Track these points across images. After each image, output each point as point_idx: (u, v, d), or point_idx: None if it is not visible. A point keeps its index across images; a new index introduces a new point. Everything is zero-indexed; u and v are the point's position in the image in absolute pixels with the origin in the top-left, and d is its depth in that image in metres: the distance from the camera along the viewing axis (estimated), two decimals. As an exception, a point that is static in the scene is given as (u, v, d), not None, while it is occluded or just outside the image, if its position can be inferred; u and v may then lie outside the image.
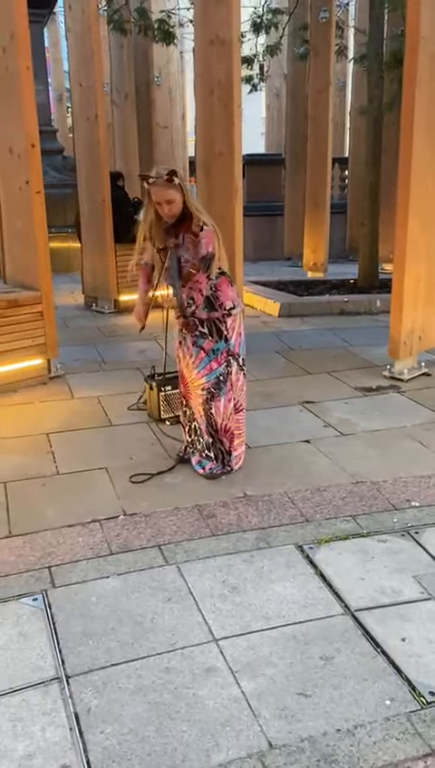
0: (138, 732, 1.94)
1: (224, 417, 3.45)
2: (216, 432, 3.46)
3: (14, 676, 2.16)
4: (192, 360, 3.41)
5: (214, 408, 3.42)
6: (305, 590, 2.58)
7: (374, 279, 8.58)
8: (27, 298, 4.91)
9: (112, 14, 9.54)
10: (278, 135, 17.62)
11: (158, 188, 3.07)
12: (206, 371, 3.39)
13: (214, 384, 3.40)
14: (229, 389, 3.44)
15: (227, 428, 3.47)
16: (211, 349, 3.36)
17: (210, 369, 3.39)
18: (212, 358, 3.37)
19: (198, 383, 3.42)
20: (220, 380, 3.41)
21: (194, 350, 3.37)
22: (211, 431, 3.46)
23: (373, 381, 5.05)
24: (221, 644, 2.29)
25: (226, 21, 5.64)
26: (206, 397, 3.41)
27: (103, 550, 2.87)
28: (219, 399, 3.42)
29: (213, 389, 3.40)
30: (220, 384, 3.41)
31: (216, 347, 3.37)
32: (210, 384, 3.40)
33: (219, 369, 3.40)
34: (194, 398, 3.48)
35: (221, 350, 3.38)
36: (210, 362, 3.38)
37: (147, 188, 3.12)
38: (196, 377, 3.42)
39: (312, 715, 1.99)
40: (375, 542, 2.91)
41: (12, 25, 4.57)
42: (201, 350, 3.37)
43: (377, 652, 2.25)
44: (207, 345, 3.36)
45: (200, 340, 3.35)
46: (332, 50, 9.66)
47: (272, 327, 7.00)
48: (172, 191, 3.08)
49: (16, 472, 3.61)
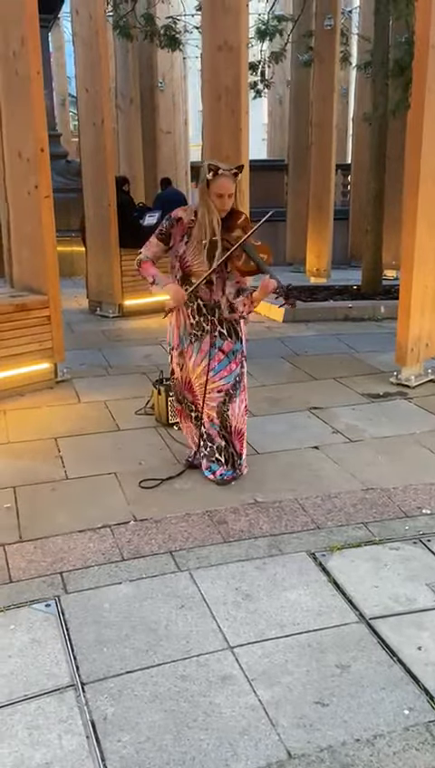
0: (155, 740, 1.92)
1: (238, 419, 3.45)
2: (229, 434, 3.45)
3: (29, 683, 2.15)
4: (207, 362, 3.36)
5: (231, 409, 3.41)
6: (319, 598, 2.57)
7: (378, 285, 8.60)
8: (35, 302, 4.91)
9: (119, 19, 9.56)
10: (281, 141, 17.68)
11: (227, 180, 3.11)
12: (226, 372, 3.38)
13: (232, 386, 3.40)
14: (242, 390, 3.45)
15: (239, 430, 3.47)
16: (231, 350, 3.37)
17: (230, 371, 3.38)
18: (232, 359, 3.38)
19: (214, 385, 3.39)
20: (237, 381, 3.42)
21: (212, 351, 3.35)
22: (225, 434, 3.45)
23: (380, 388, 5.05)
24: (236, 651, 2.28)
25: (234, 27, 5.67)
26: (223, 399, 3.40)
27: (115, 555, 2.86)
28: (235, 401, 3.42)
29: (231, 391, 3.40)
30: (237, 385, 3.42)
31: (235, 348, 3.38)
32: (229, 386, 3.39)
33: (237, 371, 3.41)
34: (208, 403, 3.44)
35: (238, 351, 3.40)
36: (229, 363, 3.38)
37: (210, 179, 3.09)
38: (213, 378, 3.38)
39: (330, 724, 1.98)
40: (387, 550, 2.90)
41: (22, 30, 4.58)
42: (220, 352, 3.36)
43: (393, 661, 2.24)
44: (227, 346, 3.36)
45: (219, 341, 3.35)
46: (336, 57, 9.70)
47: (277, 332, 7.01)
48: (234, 186, 3.16)
49: (26, 476, 3.60)
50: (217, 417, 3.43)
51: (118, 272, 7.58)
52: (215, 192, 3.12)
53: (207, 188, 3.14)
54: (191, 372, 3.45)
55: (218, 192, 3.11)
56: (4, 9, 4.72)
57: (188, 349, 3.41)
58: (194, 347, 3.39)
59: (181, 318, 3.39)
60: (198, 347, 3.38)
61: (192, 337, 3.38)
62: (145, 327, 7.20)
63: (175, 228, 3.26)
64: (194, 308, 3.32)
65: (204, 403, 3.45)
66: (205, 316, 3.32)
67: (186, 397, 3.53)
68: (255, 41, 10.14)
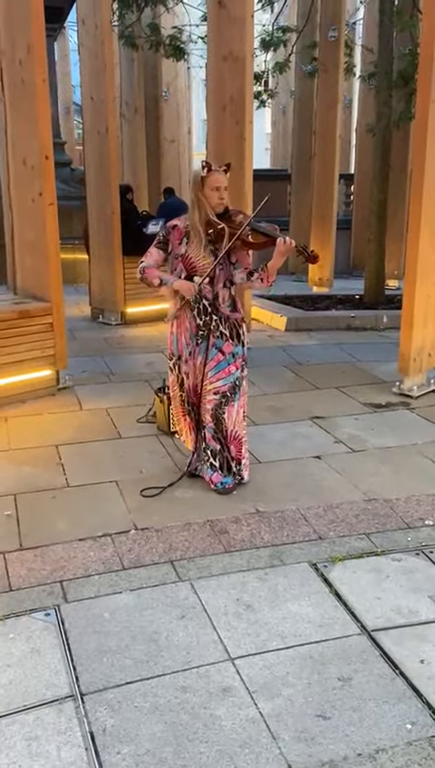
0: (155, 753, 1.90)
1: (235, 424, 3.44)
2: (224, 438, 3.44)
3: (27, 693, 2.13)
4: (207, 361, 3.35)
5: (226, 413, 3.40)
6: (321, 609, 2.55)
7: (380, 295, 8.61)
8: (38, 309, 4.91)
9: (124, 29, 9.63)
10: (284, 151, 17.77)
11: (219, 174, 3.21)
12: (223, 374, 3.37)
13: (230, 388, 3.39)
14: (241, 395, 3.44)
15: (235, 435, 3.46)
16: (231, 352, 3.36)
17: (228, 373, 3.37)
18: (231, 361, 3.37)
19: (211, 386, 3.38)
20: (236, 385, 3.40)
21: (212, 351, 3.35)
22: (220, 437, 3.44)
23: (383, 397, 5.04)
24: (237, 663, 2.26)
25: (239, 38, 5.70)
26: (219, 401, 3.39)
27: (115, 564, 2.84)
28: (232, 405, 3.41)
29: (228, 393, 3.39)
30: (235, 389, 3.41)
31: (235, 350, 3.37)
32: (226, 388, 3.38)
33: (236, 374, 3.40)
34: (204, 404, 3.43)
35: (239, 354, 3.39)
36: (229, 365, 3.37)
37: (205, 175, 3.19)
38: (211, 380, 3.38)
39: (332, 738, 1.96)
40: (390, 561, 2.88)
41: (29, 39, 4.60)
42: (220, 353, 3.35)
43: (395, 674, 2.22)
44: (227, 348, 3.36)
45: (220, 342, 3.34)
46: (340, 68, 9.74)
47: (279, 341, 7.00)
48: (226, 181, 3.24)
49: (26, 484, 3.59)
50: (212, 419, 3.41)
51: (121, 279, 7.59)
52: (211, 186, 3.20)
53: (201, 187, 3.20)
54: (192, 373, 3.43)
55: (214, 185, 3.19)
56: (12, 18, 4.75)
57: (195, 350, 3.39)
58: (201, 347, 3.37)
59: (185, 323, 3.38)
60: (205, 347, 3.36)
61: (199, 338, 3.37)
62: (147, 335, 7.20)
63: (171, 235, 3.33)
64: (200, 308, 3.32)
65: (200, 402, 3.43)
66: (210, 315, 3.32)
67: (192, 402, 3.50)
68: (259, 51, 10.21)
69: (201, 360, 3.37)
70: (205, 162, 3.26)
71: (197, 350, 3.39)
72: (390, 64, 8.29)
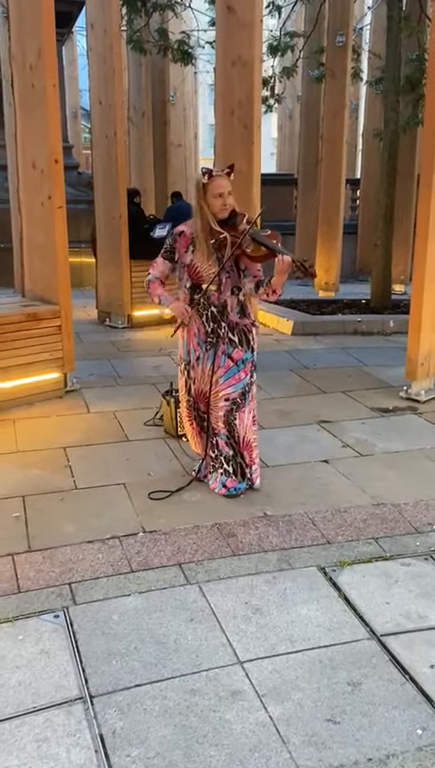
0: (165, 756, 1.90)
1: (246, 429, 3.43)
2: (237, 444, 3.43)
3: (37, 695, 2.13)
4: (218, 370, 3.35)
5: (238, 419, 3.39)
6: (330, 614, 2.54)
7: (387, 299, 8.61)
8: (46, 312, 4.92)
9: (133, 34, 9.67)
10: (290, 155, 17.79)
11: (222, 179, 3.16)
12: (233, 381, 3.36)
13: (240, 394, 3.38)
14: (251, 400, 3.43)
15: (247, 441, 3.45)
16: (240, 358, 3.35)
17: (238, 379, 3.37)
18: (241, 367, 3.36)
19: (222, 393, 3.37)
20: (246, 391, 3.40)
21: (222, 358, 3.34)
22: (232, 443, 3.43)
23: (390, 402, 5.03)
24: (246, 666, 2.26)
25: (247, 42, 5.71)
26: (230, 407, 3.38)
27: (124, 567, 2.84)
28: (243, 410, 3.40)
29: (239, 400, 3.38)
30: (245, 395, 3.40)
31: (244, 356, 3.36)
32: (236, 394, 3.37)
33: (246, 380, 3.39)
34: (214, 411, 3.43)
35: (248, 359, 3.38)
36: (238, 372, 3.36)
37: (206, 182, 3.14)
38: (221, 386, 3.37)
39: (342, 742, 1.95)
40: (398, 566, 2.87)
41: (39, 44, 4.63)
42: (229, 359, 3.35)
43: (405, 679, 2.21)
44: (237, 354, 3.35)
45: (229, 348, 3.34)
46: (347, 73, 9.77)
47: (285, 345, 7.00)
48: (230, 184, 3.20)
49: (35, 486, 3.59)
50: (225, 426, 3.41)
51: (127, 283, 7.61)
52: (213, 193, 3.16)
53: (203, 194, 3.17)
54: (205, 382, 3.43)
55: (217, 192, 3.15)
56: (23, 23, 4.78)
57: (204, 357, 3.39)
58: (209, 354, 3.37)
59: (193, 329, 3.39)
60: (214, 353, 3.36)
61: (207, 345, 3.37)
62: (154, 338, 7.21)
63: (178, 243, 3.32)
64: (208, 315, 3.32)
65: (209, 410, 3.43)
66: (218, 322, 3.32)
67: (199, 408, 3.51)
68: (266, 56, 10.23)
69: (209, 367, 3.37)
70: (205, 169, 3.22)
71: (205, 356, 3.39)
72: (397, 69, 8.31)
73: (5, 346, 4.69)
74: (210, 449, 3.52)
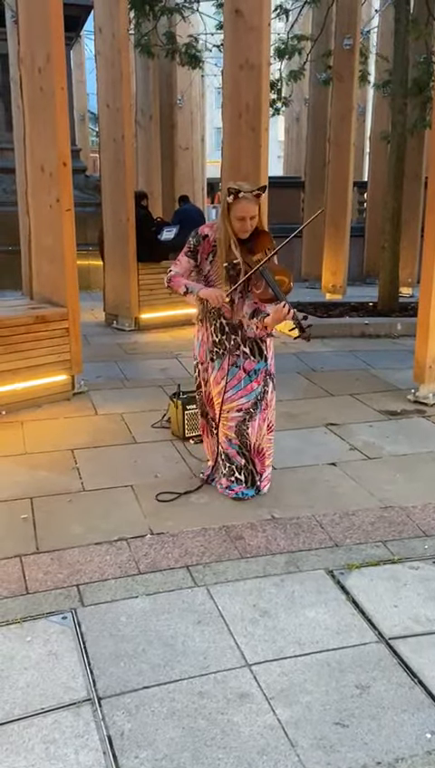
0: (173, 758, 1.90)
1: (258, 438, 3.42)
2: (249, 452, 3.42)
3: (45, 696, 2.13)
4: (228, 380, 3.34)
5: (250, 428, 3.37)
6: (338, 617, 2.53)
7: (395, 302, 8.59)
8: (54, 314, 4.94)
9: (141, 37, 9.71)
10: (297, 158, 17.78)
11: (248, 203, 3.04)
12: (245, 392, 3.34)
13: (253, 404, 3.35)
14: (265, 409, 3.40)
15: (259, 449, 3.44)
16: (253, 369, 3.32)
17: (250, 390, 3.34)
18: (253, 378, 3.33)
19: (234, 404, 3.35)
20: (258, 400, 3.37)
21: (232, 370, 3.32)
22: (245, 452, 3.41)
23: (397, 405, 5.02)
24: (254, 669, 2.25)
25: (255, 46, 5.73)
26: (243, 417, 3.36)
27: (131, 569, 2.84)
28: (255, 419, 3.38)
29: (251, 410, 3.35)
30: (258, 404, 3.37)
31: (257, 367, 3.33)
32: (249, 405, 3.35)
33: (258, 389, 3.36)
34: (225, 421, 3.41)
35: (261, 369, 3.35)
36: (251, 382, 3.33)
37: (231, 202, 3.04)
38: (232, 398, 3.34)
39: (350, 746, 1.94)
40: (407, 569, 2.86)
41: (48, 47, 4.66)
42: (241, 371, 3.32)
43: (414, 682, 2.20)
44: (249, 365, 3.31)
45: (241, 360, 3.31)
46: (355, 76, 9.77)
47: (292, 348, 6.98)
48: (257, 207, 3.08)
49: (42, 487, 3.60)
50: (237, 436, 3.38)
51: (135, 285, 7.63)
52: (236, 216, 3.05)
53: (227, 212, 3.08)
54: (212, 389, 3.44)
55: (240, 215, 3.05)
56: (31, 27, 4.81)
57: (210, 366, 3.41)
58: (214, 365, 3.37)
59: (206, 333, 3.38)
60: (219, 365, 3.35)
61: (213, 354, 3.37)
62: (161, 340, 7.22)
63: (201, 245, 3.25)
64: (217, 326, 3.31)
65: (219, 422, 3.42)
66: (227, 335, 3.30)
67: (208, 412, 3.52)
68: (273, 59, 10.25)
69: (215, 378, 3.37)
70: (234, 189, 3.02)
71: (211, 366, 3.38)
72: (405, 72, 8.30)
73: (14, 348, 4.71)
74: (220, 458, 3.51)
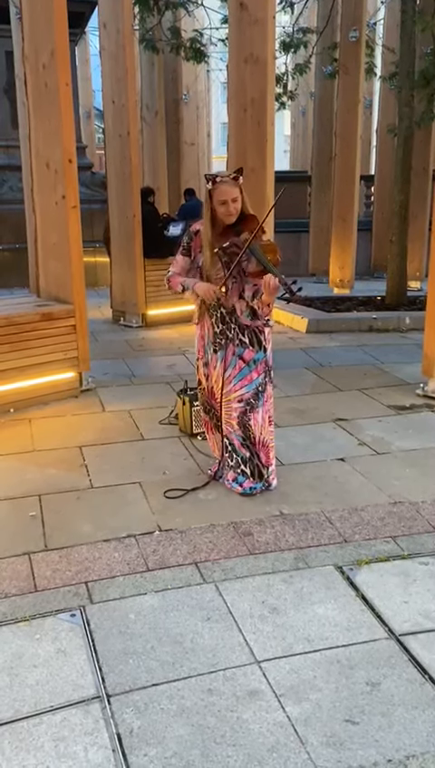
0: (182, 755, 1.89)
1: (261, 430, 3.42)
2: (253, 445, 3.42)
3: (54, 694, 2.13)
4: (229, 371, 3.35)
5: (253, 419, 3.38)
6: (347, 613, 2.52)
7: (403, 296, 8.54)
8: (61, 312, 4.94)
9: (145, 33, 9.68)
10: (303, 152, 17.72)
11: (227, 186, 3.12)
12: (246, 381, 3.35)
13: (253, 395, 3.36)
14: (266, 401, 3.41)
15: (263, 441, 3.44)
16: (252, 359, 3.34)
17: (250, 380, 3.35)
18: (253, 368, 3.35)
19: (235, 395, 3.37)
20: (259, 391, 3.38)
21: (232, 359, 3.34)
22: (248, 444, 3.41)
23: (406, 399, 4.99)
24: (264, 666, 2.24)
25: (260, 40, 5.69)
26: (244, 408, 3.37)
27: (140, 566, 2.84)
28: (257, 411, 3.39)
29: (252, 400, 3.37)
30: (259, 395, 3.38)
31: (256, 356, 3.34)
32: (250, 395, 3.36)
33: (258, 380, 3.37)
34: (228, 413, 3.43)
35: (260, 360, 3.36)
36: (250, 372, 3.35)
37: (211, 188, 3.13)
38: (233, 388, 3.36)
39: (361, 743, 1.93)
40: (417, 565, 2.84)
41: (52, 43, 4.64)
42: (240, 360, 3.34)
43: (425, 679, 2.18)
44: (248, 355, 3.33)
45: (240, 350, 3.33)
46: (361, 69, 9.70)
47: (300, 343, 6.97)
48: (237, 190, 3.15)
49: (50, 485, 3.60)
50: (239, 427, 3.40)
51: (142, 282, 7.62)
52: (218, 200, 3.13)
53: (209, 200, 3.16)
54: (215, 382, 3.44)
55: (221, 199, 3.12)
56: (35, 23, 4.79)
57: (213, 358, 3.41)
58: (218, 356, 3.38)
59: (206, 327, 3.39)
60: (223, 356, 3.36)
61: (216, 346, 3.37)
62: (168, 337, 7.21)
63: (194, 241, 3.32)
64: (218, 316, 3.32)
65: (221, 411, 3.43)
66: (228, 324, 3.31)
67: (212, 406, 3.52)
68: (279, 53, 10.19)
69: (218, 370, 3.37)
70: (209, 175, 3.19)
71: (214, 357, 3.39)
72: (411, 65, 8.23)
73: (21, 346, 4.71)
74: (225, 451, 3.51)
